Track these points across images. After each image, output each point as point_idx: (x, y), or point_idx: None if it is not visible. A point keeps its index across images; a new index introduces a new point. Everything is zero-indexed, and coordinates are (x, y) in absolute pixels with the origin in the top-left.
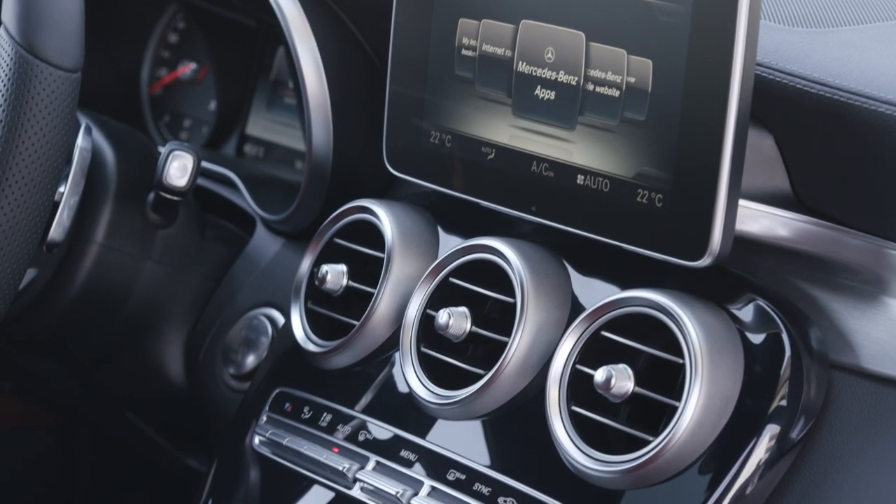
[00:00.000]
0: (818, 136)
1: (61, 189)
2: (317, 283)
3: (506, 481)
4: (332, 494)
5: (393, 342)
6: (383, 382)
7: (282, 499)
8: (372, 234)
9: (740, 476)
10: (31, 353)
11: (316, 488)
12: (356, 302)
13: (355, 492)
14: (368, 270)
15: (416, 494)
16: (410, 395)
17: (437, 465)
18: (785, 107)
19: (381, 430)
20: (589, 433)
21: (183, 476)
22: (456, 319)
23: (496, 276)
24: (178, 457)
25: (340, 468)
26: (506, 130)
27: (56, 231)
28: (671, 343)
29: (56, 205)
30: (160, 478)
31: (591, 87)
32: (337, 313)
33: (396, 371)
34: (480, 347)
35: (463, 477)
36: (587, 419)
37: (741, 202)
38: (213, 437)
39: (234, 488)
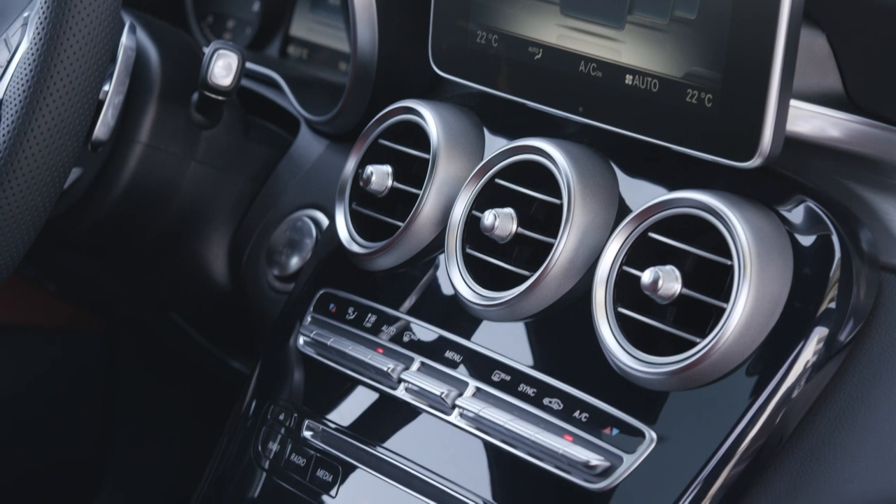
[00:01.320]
0: (871, 34)
1: (106, 88)
2: (361, 184)
3: (551, 382)
4: (376, 395)
5: (438, 244)
6: (428, 284)
7: (326, 399)
8: (417, 135)
9: (787, 378)
10: (76, 252)
11: (360, 389)
12: (401, 203)
13: (400, 392)
14: (413, 172)
15: (460, 395)
16: (455, 297)
17: (482, 367)
18: (838, 4)
19: (425, 332)
20: (635, 335)
21: (226, 378)
22: (502, 220)
23: (542, 178)
24: (221, 358)
25: (385, 369)
26: (553, 30)
27: (101, 130)
28: (719, 245)
29: (101, 104)
30: (204, 380)
31: None
32: (381, 215)
33: (441, 273)
34: (526, 249)
35: (508, 378)
36: (633, 321)
37: (792, 102)
38: (257, 338)
39: (277, 389)
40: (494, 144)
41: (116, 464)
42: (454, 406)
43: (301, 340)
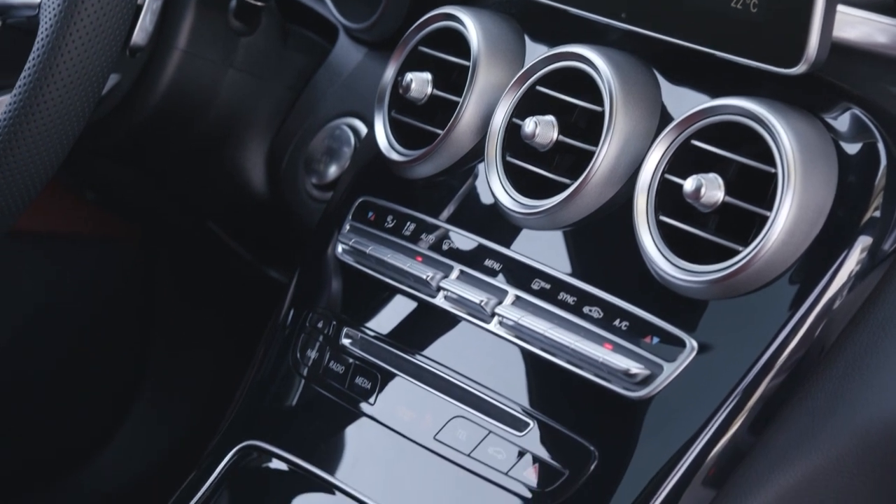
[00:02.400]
0: None
1: None
2: (401, 91)
3: (591, 290)
4: (414, 303)
5: (478, 152)
6: (467, 192)
7: (364, 307)
8: (457, 42)
9: (830, 288)
10: (114, 159)
11: (399, 297)
12: (440, 111)
13: (439, 300)
14: (453, 79)
15: (500, 303)
16: (495, 205)
17: (522, 275)
18: None
19: (464, 240)
20: (676, 243)
21: (264, 287)
22: (542, 128)
23: (584, 85)
24: (259, 268)
25: (424, 277)
26: None
27: (139, 35)
28: (763, 152)
29: (139, 9)
30: (241, 290)
31: None
32: (421, 122)
33: (481, 181)
34: (567, 157)
35: (548, 286)
36: (675, 229)
37: (839, 7)
38: (295, 247)
39: (316, 297)
40: (535, 51)
41: (152, 375)
42: (493, 314)
43: (339, 248)
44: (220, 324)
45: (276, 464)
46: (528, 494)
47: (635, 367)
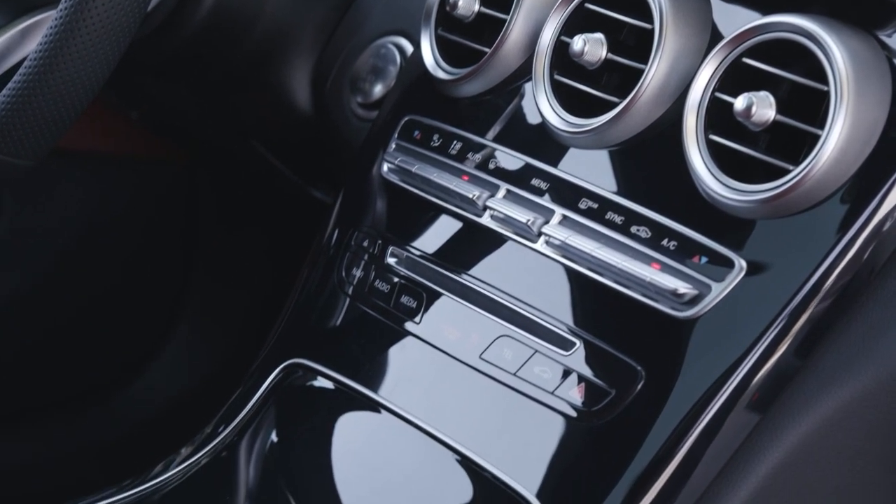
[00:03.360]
0: None
1: None
2: (447, 8)
3: (639, 210)
4: (460, 222)
5: (525, 70)
6: (514, 111)
7: (410, 226)
8: None
9: (881, 209)
10: (158, 78)
11: (444, 216)
12: (487, 29)
13: (485, 220)
14: None
15: (546, 223)
16: (542, 124)
17: (569, 194)
18: None
19: (511, 159)
20: (726, 163)
21: (308, 208)
22: (591, 46)
23: (633, 2)
24: (303, 188)
25: (470, 196)
26: None
27: None
28: (815, 70)
29: None
30: (285, 211)
31: None
32: (468, 40)
33: (528, 100)
34: (615, 75)
35: (595, 206)
36: (724, 148)
37: None
38: (340, 166)
39: (361, 216)
40: None
41: (195, 296)
42: (540, 233)
43: (385, 167)
44: (264, 245)
45: (320, 382)
46: (574, 414)
47: (683, 287)
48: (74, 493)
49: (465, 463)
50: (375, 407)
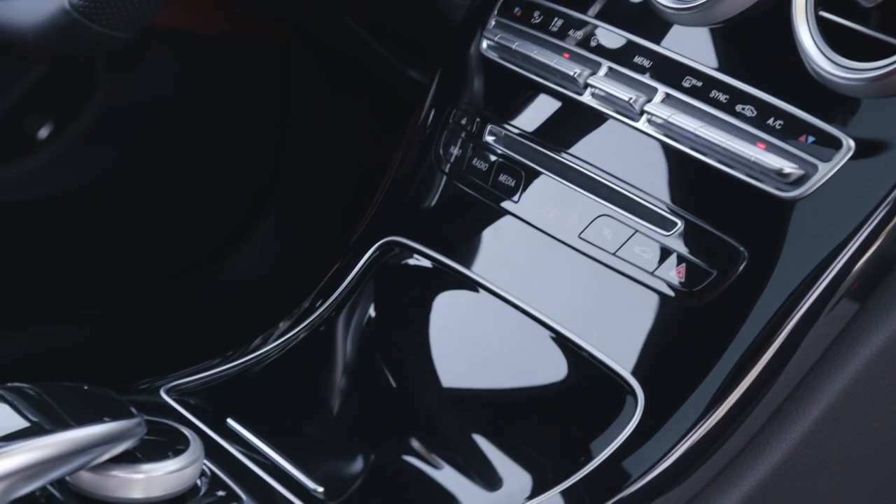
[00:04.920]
0: None
1: None
2: None
3: (744, 88)
4: (560, 100)
5: None
6: None
7: (509, 104)
8: None
9: None
10: None
11: (544, 94)
12: None
13: (586, 98)
14: None
15: (649, 101)
16: (646, 1)
17: (672, 72)
18: None
19: (613, 37)
20: (836, 40)
21: (404, 88)
22: None
23: None
24: (399, 68)
25: (571, 73)
26: None
27: None
28: None
29: None
30: (379, 90)
31: None
32: None
33: None
34: None
35: (699, 84)
36: (834, 25)
37: None
38: (437, 44)
39: (459, 94)
40: None
41: (288, 175)
42: (642, 112)
43: (484, 44)
44: (358, 125)
45: (417, 260)
46: (673, 294)
47: (789, 167)
48: (176, 368)
49: (562, 342)
50: (472, 285)
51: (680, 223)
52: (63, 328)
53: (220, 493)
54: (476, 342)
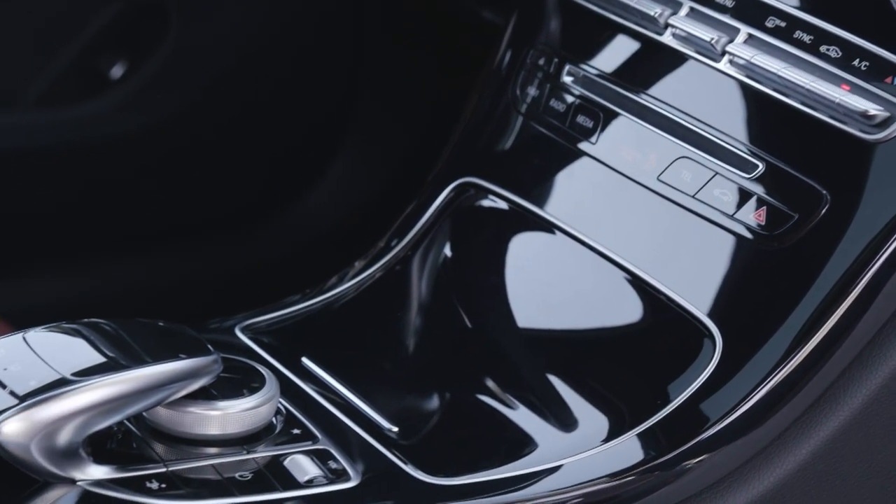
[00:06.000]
0: None
1: None
2: None
3: (829, 29)
4: (640, 41)
5: None
6: None
7: (587, 44)
8: None
9: None
10: None
11: (623, 35)
12: None
13: (666, 38)
14: None
15: (731, 41)
16: None
17: (755, 11)
18: None
19: None
20: None
21: (478, 29)
22: None
23: None
24: (473, 8)
25: (651, 13)
26: None
27: None
28: None
29: None
30: (454, 32)
31: None
32: None
33: None
34: None
35: (783, 24)
36: None
37: None
38: None
39: (536, 34)
40: None
41: (361, 115)
42: (724, 52)
43: None
44: (432, 66)
45: (492, 201)
46: (753, 237)
47: (874, 109)
48: (249, 308)
49: (638, 284)
50: (548, 227)
51: (761, 165)
52: (134, 267)
53: (296, 431)
54: (551, 283)
